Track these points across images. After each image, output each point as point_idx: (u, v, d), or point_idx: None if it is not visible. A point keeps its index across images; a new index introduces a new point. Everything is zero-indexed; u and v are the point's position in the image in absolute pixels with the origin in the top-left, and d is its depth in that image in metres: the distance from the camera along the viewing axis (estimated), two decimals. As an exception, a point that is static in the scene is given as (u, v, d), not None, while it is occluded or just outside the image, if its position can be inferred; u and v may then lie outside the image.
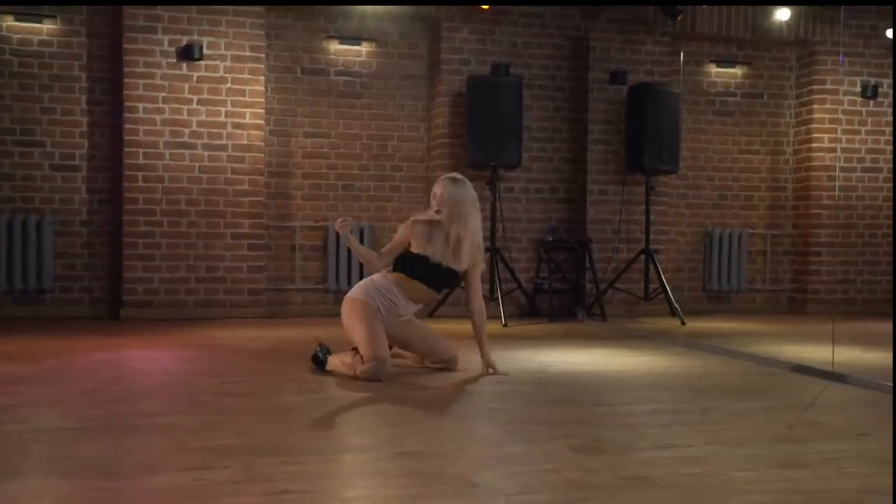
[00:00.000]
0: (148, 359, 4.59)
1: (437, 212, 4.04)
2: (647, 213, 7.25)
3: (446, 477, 2.34)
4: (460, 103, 7.14)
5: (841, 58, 7.74)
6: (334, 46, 7.27)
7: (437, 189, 4.07)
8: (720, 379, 4.21)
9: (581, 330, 6.31)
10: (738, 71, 8.03)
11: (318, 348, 4.16)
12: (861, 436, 3.00)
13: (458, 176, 4.16)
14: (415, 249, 4.07)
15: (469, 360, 4.28)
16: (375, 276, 4.12)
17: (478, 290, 4.16)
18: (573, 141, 7.53)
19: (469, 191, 4.09)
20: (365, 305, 3.96)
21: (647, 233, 7.22)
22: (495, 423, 3.17)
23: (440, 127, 7.26)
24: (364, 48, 7.32)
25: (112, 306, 6.79)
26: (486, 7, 6.98)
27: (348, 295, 4.09)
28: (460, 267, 4.08)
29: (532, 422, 3.16)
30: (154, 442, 2.70)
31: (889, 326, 6.55)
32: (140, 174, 6.68)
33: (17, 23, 6.69)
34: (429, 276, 4.06)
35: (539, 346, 5.25)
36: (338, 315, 4.10)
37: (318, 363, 4.12)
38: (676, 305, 6.88)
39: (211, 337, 5.53)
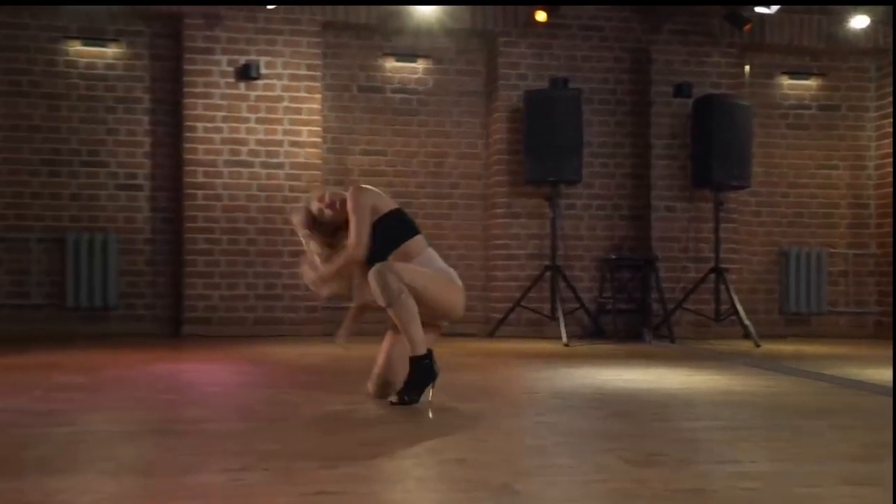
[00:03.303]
0: (201, 371, 4.62)
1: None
2: (717, 230, 6.94)
3: (486, 484, 2.24)
4: (518, 119, 6.99)
5: None
6: (390, 64, 7.21)
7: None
8: (790, 398, 3.98)
9: (646, 351, 6.08)
10: (812, 83, 7.69)
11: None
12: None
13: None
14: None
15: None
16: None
17: None
18: (636, 156, 7.29)
19: None
20: None
21: (717, 251, 6.91)
22: (544, 435, 3.04)
23: (498, 143, 7.11)
24: (420, 65, 7.25)
25: (174, 324, 6.79)
26: (542, 19, 6.79)
27: None
28: None
29: (583, 435, 3.04)
30: (197, 446, 2.70)
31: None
32: (199, 192, 6.70)
33: (84, 47, 6.82)
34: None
35: (599, 366, 5.12)
36: None
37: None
38: (750, 327, 6.53)
39: (266, 353, 5.51)
